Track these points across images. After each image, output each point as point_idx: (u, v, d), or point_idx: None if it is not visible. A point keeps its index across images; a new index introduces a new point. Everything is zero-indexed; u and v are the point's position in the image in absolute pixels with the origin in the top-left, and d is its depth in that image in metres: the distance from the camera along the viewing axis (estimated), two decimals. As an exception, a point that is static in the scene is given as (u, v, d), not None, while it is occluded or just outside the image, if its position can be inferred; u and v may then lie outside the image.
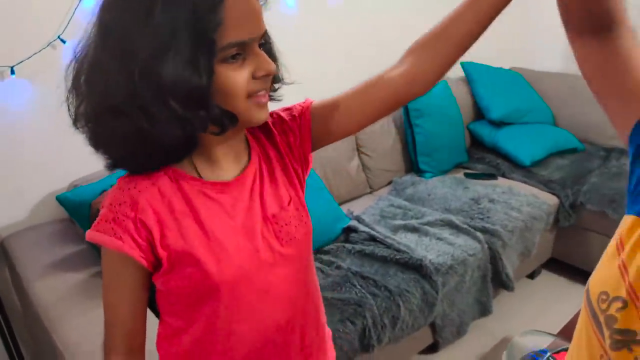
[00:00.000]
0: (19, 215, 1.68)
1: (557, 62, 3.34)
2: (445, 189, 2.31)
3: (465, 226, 2.00)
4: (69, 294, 1.24)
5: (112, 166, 0.67)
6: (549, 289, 2.40)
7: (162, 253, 0.67)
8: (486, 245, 1.96)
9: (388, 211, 2.13)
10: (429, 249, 1.85)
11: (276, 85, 0.74)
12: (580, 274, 2.40)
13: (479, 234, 1.98)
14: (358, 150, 2.38)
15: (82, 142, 1.84)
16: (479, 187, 2.34)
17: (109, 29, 0.60)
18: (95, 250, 1.45)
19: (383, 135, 2.44)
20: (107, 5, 0.61)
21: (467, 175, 2.50)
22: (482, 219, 2.09)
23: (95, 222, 0.67)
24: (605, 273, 0.57)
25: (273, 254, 0.74)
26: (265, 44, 0.69)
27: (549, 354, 1.19)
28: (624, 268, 0.53)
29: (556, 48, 3.36)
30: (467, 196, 2.25)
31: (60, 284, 1.30)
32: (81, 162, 1.71)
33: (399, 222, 2.03)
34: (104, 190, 1.43)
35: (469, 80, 2.88)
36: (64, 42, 1.63)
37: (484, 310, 2.04)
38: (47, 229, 1.60)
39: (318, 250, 1.85)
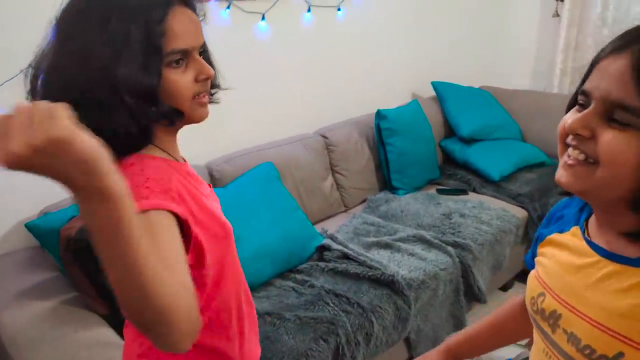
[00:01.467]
0: None
1: (525, 81, 3.47)
2: (418, 205, 2.36)
3: (436, 241, 2.05)
4: (38, 322, 1.23)
5: None
6: (522, 301, 2.45)
7: (195, 216, 0.74)
8: (457, 259, 2.01)
9: (362, 229, 2.16)
10: (401, 265, 1.89)
11: (213, 90, 0.86)
12: (552, 285, 2.45)
13: (450, 248, 2.03)
14: (332, 169, 2.42)
15: None
16: (451, 202, 2.39)
17: (68, 37, 0.69)
18: (65, 277, 1.45)
19: (357, 154, 2.49)
20: (66, 16, 0.70)
21: (439, 191, 2.55)
22: (453, 233, 2.14)
23: (145, 194, 0.66)
24: (529, 286, 0.80)
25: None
26: (204, 52, 0.81)
27: (515, 363, 1.23)
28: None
29: (524, 67, 3.49)
30: (439, 212, 2.30)
31: (29, 313, 1.28)
32: (52, 188, 1.72)
33: (372, 239, 2.06)
34: (73, 216, 1.44)
35: (439, 98, 2.96)
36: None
37: (458, 323, 2.07)
38: (17, 257, 1.58)
39: (292, 269, 1.87)
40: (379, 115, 2.52)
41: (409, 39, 2.97)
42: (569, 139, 0.64)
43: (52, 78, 0.69)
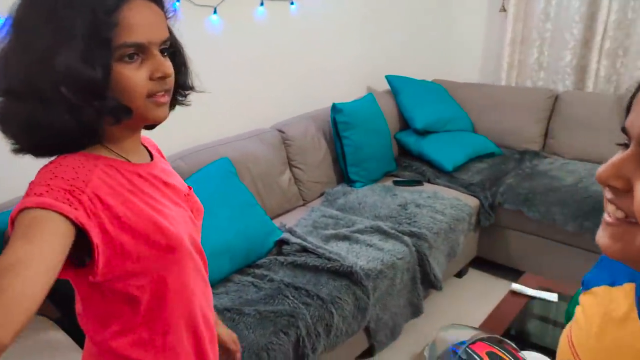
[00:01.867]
0: None
1: (475, 74, 3.58)
2: (375, 197, 2.40)
3: (393, 231, 2.09)
4: None
5: (18, 151, 0.71)
6: (476, 286, 2.54)
7: (123, 221, 0.70)
8: (414, 249, 2.06)
9: (320, 222, 2.18)
10: (360, 256, 1.92)
11: (186, 92, 0.83)
12: (504, 270, 2.56)
13: (406, 238, 2.07)
14: (289, 164, 2.43)
15: None
16: (407, 193, 2.45)
17: (18, 25, 0.68)
18: None
19: (314, 148, 2.50)
20: (20, 4, 0.68)
21: (395, 182, 2.61)
22: (409, 223, 2.19)
23: (41, 189, 0.63)
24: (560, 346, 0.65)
25: (192, 225, 0.83)
26: (172, 51, 0.78)
27: (466, 344, 1.28)
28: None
29: (473, 61, 3.60)
30: (395, 203, 2.35)
31: None
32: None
33: (330, 231, 2.08)
34: None
35: (394, 92, 3.02)
36: None
37: (416, 311, 2.13)
38: None
39: (251, 265, 1.87)
40: (335, 109, 2.54)
41: (363, 33, 3.01)
42: (605, 191, 0.50)
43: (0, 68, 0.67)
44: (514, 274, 2.37)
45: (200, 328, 0.83)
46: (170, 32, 0.77)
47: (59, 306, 1.29)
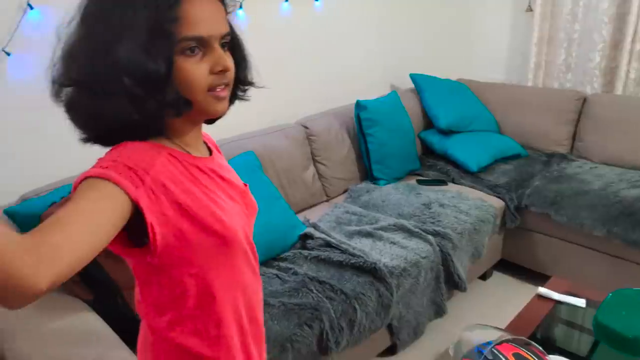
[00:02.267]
0: None
1: (500, 74, 3.53)
2: (399, 195, 2.38)
3: (417, 230, 2.07)
4: (24, 309, 1.20)
5: (85, 140, 0.72)
6: (500, 289, 2.50)
7: (183, 208, 0.70)
8: (437, 248, 2.03)
9: (343, 218, 2.17)
10: (383, 253, 1.90)
11: (245, 87, 0.83)
12: (528, 274, 2.51)
13: (430, 237, 2.05)
14: (313, 159, 2.42)
15: (31, 155, 1.81)
16: (430, 192, 2.42)
17: (84, 16, 0.69)
18: None
19: (337, 144, 2.49)
20: (85, 2, 0.69)
21: (419, 181, 2.58)
22: (433, 222, 2.16)
23: (106, 164, 0.65)
24: None
25: (245, 221, 0.82)
26: (235, 45, 0.78)
27: (492, 345, 1.25)
28: None
29: (499, 61, 3.56)
30: (419, 201, 2.32)
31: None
32: (31, 175, 1.68)
33: (353, 228, 2.07)
34: (54, 202, 1.40)
35: (418, 90, 2.99)
36: (8, 54, 1.59)
37: (439, 310, 2.10)
38: None
39: (275, 258, 1.87)
40: (359, 105, 2.53)
41: (387, 31, 2.99)
42: None
43: (67, 60, 0.69)
44: (539, 278, 2.32)
45: (244, 324, 0.83)
46: (231, 26, 0.77)
47: (91, 288, 1.30)
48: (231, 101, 0.81)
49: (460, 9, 3.42)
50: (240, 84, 0.82)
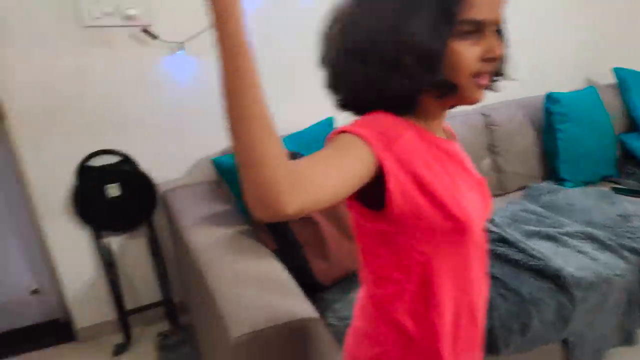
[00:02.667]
0: (178, 173, 1.88)
1: None
2: (589, 201, 2.10)
3: (611, 243, 1.80)
4: (219, 244, 1.33)
5: (341, 107, 0.75)
6: None
7: (424, 183, 0.68)
8: (637, 267, 1.74)
9: (520, 215, 1.98)
10: (568, 261, 1.69)
11: (496, 78, 0.78)
12: None
13: (627, 253, 1.76)
14: (491, 149, 2.26)
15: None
16: (628, 203, 2.09)
17: None
18: (242, 210, 1.55)
19: (520, 136, 2.29)
20: None
21: (615, 190, 2.25)
22: (631, 238, 1.86)
23: (361, 124, 0.67)
24: None
25: (485, 215, 0.79)
26: (500, 32, 0.73)
27: None
28: None
29: None
30: (614, 212, 2.02)
31: (211, 235, 1.40)
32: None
33: (532, 228, 1.88)
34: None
35: (621, 87, 2.61)
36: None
37: (628, 338, 1.81)
38: (200, 188, 1.80)
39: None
40: (551, 98, 2.28)
41: (585, 17, 2.65)
42: None
43: (346, 29, 0.71)
44: None
45: (462, 322, 0.78)
46: None
47: (277, 239, 1.37)
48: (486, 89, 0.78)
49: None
50: (497, 74, 0.78)
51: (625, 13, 2.75)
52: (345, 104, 0.75)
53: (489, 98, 2.44)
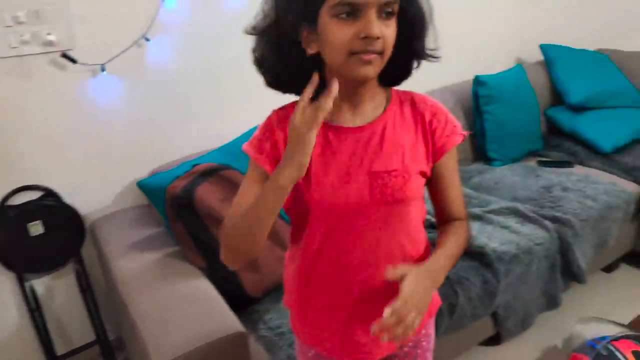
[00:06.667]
0: (106, 200, 1.85)
1: (652, 41, 3.08)
2: (515, 177, 2.24)
3: (533, 215, 1.94)
4: (145, 270, 1.37)
5: (266, 85, 0.86)
6: (627, 283, 2.26)
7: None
8: (555, 235, 1.89)
9: (452, 199, 2.11)
10: (492, 237, 1.82)
11: (415, 59, 0.84)
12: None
13: (548, 222, 1.91)
14: (424, 137, 2.37)
15: (164, 132, 1.99)
16: (553, 175, 2.25)
17: None
18: (170, 233, 1.60)
19: (450, 122, 2.40)
20: None
21: (540, 163, 2.40)
22: (552, 207, 2.01)
23: (250, 139, 0.88)
24: None
25: (361, 203, 0.85)
26: (407, 15, 0.78)
27: (608, 340, 1.16)
28: None
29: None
30: (538, 184, 2.17)
31: (138, 262, 1.44)
32: (162, 150, 1.89)
33: (462, 210, 2.01)
34: (178, 176, 1.57)
35: (547, 63, 2.75)
36: (147, 40, 1.78)
37: (552, 302, 1.97)
38: (130, 214, 1.77)
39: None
40: (478, 81, 2.40)
41: (516, -1, 2.76)
42: None
43: (259, 17, 0.82)
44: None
45: (343, 286, 0.91)
46: None
47: (206, 257, 1.45)
48: (404, 72, 0.85)
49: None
50: (415, 55, 0.84)
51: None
52: (269, 84, 0.85)
53: (423, 86, 2.54)
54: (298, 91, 0.82)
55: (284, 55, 0.79)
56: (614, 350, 1.18)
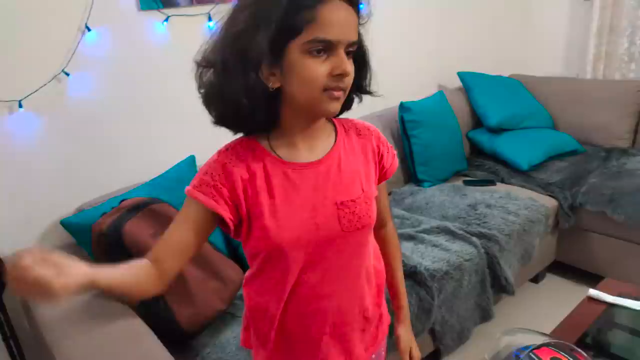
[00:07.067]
0: (30, 242, 1.75)
1: (557, 68, 3.37)
2: (444, 197, 2.35)
3: (461, 232, 2.03)
4: (72, 313, 1.30)
5: (215, 123, 0.83)
6: (554, 292, 2.40)
7: (244, 215, 0.83)
8: (483, 250, 1.99)
9: (386, 221, 2.17)
10: (425, 256, 1.89)
11: (362, 94, 0.89)
12: (585, 276, 2.39)
13: (475, 239, 2.00)
14: (356, 163, 2.43)
15: (88, 168, 1.91)
16: (477, 193, 2.37)
17: (234, 7, 0.78)
18: None
19: (380, 147, 2.49)
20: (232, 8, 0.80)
21: (465, 182, 2.53)
22: (478, 224, 2.12)
23: (196, 183, 0.82)
24: None
25: (331, 235, 0.86)
26: (358, 54, 0.83)
27: (531, 349, 1.21)
28: None
29: (555, 54, 3.40)
30: (464, 203, 2.28)
31: (65, 304, 1.35)
32: (87, 187, 1.82)
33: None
34: (105, 213, 1.51)
35: (466, 89, 2.93)
36: (67, 75, 1.73)
37: (485, 315, 2.05)
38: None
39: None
40: (403, 107, 2.52)
41: (435, 28, 2.94)
42: None
43: (208, 46, 0.79)
44: (596, 280, 2.20)
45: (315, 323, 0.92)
46: (359, 35, 0.81)
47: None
48: (347, 106, 0.87)
49: (514, 3, 3.29)
50: (358, 91, 0.88)
51: (472, 20, 3.08)
52: (219, 121, 0.82)
53: (352, 114, 2.63)
54: (251, 128, 0.83)
55: (242, 91, 0.76)
56: (534, 357, 1.24)
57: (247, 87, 0.75)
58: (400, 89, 2.79)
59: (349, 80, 0.79)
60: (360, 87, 0.87)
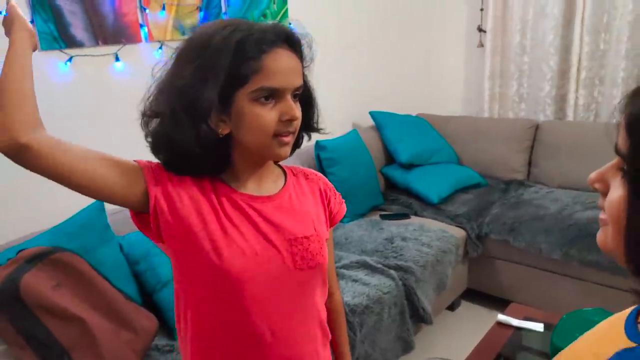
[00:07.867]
0: None
1: (458, 108, 3.65)
2: (362, 232, 2.40)
3: (379, 266, 2.08)
4: None
5: (165, 166, 0.82)
6: (469, 319, 2.51)
7: (171, 217, 0.80)
8: (400, 282, 2.05)
9: (306, 258, 2.17)
10: (345, 292, 1.90)
11: (310, 133, 0.92)
12: (497, 301, 2.53)
13: (392, 271, 2.06)
14: (275, 201, 2.44)
15: None
16: (393, 227, 2.45)
17: (179, 56, 0.79)
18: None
19: (299, 185, 2.52)
20: (184, 41, 0.81)
21: (382, 216, 2.61)
22: (395, 257, 2.18)
23: (148, 163, 0.81)
24: None
25: (283, 270, 0.84)
26: (304, 95, 0.85)
27: (445, 378, 1.26)
28: None
29: (456, 94, 3.69)
30: (382, 237, 2.35)
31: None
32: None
33: (316, 268, 2.07)
34: (10, 258, 1.39)
35: (378, 127, 3.07)
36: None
37: (407, 346, 2.09)
38: None
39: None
40: (319, 146, 2.58)
41: (348, 72, 3.09)
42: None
43: (155, 96, 0.80)
44: (507, 305, 2.34)
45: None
46: (304, 77, 0.84)
47: (39, 352, 1.27)
48: (297, 144, 0.89)
49: (418, 47, 3.55)
50: (307, 129, 0.90)
51: (382, 65, 3.27)
52: (169, 165, 0.81)
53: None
54: (202, 171, 0.82)
55: (193, 140, 0.76)
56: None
57: (198, 136, 0.76)
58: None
59: (298, 124, 0.81)
60: (308, 125, 0.90)
